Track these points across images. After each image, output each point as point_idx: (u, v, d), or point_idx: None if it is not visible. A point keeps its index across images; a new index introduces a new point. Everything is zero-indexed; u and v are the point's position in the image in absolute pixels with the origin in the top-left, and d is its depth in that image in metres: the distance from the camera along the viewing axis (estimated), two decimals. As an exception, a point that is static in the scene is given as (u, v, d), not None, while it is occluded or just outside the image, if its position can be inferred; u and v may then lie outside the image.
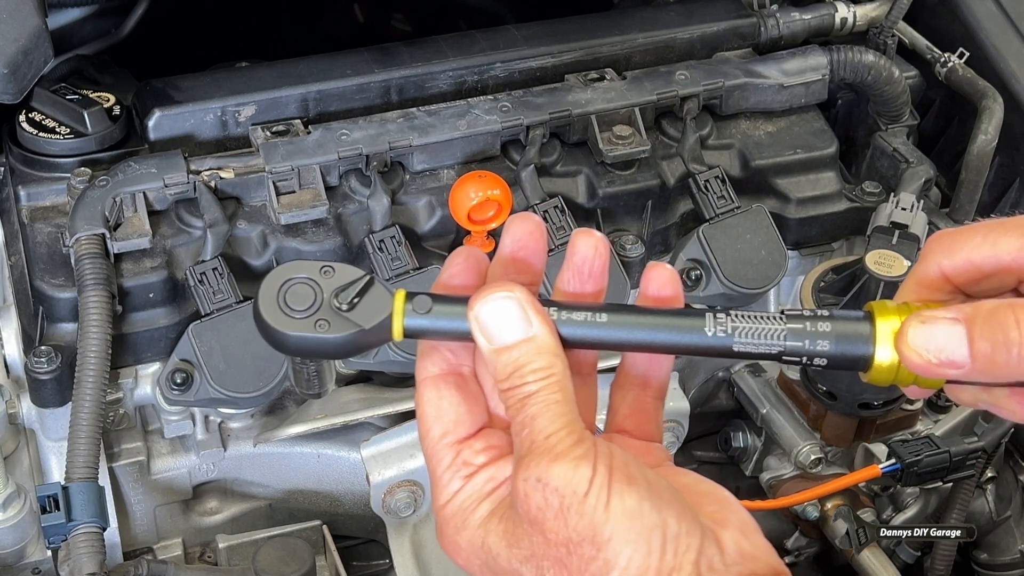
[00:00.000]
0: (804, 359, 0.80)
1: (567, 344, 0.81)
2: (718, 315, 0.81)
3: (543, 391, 0.78)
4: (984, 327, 0.75)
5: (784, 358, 0.81)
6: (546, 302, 0.82)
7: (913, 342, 0.77)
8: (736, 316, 0.81)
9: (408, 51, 1.43)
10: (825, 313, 0.81)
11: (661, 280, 0.86)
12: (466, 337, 0.81)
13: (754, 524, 0.77)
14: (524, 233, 0.85)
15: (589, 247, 0.85)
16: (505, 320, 0.79)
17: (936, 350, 0.76)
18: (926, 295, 0.81)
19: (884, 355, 0.79)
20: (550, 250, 1.33)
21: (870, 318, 0.80)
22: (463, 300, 0.81)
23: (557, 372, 0.79)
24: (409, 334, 0.82)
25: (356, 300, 0.82)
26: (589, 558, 0.74)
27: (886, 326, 0.79)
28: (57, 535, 1.15)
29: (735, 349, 0.81)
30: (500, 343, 0.79)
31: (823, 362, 0.80)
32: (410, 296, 0.83)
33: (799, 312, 0.81)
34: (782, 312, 0.81)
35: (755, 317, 0.81)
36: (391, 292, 0.83)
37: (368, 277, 0.83)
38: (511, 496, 0.78)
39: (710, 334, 0.81)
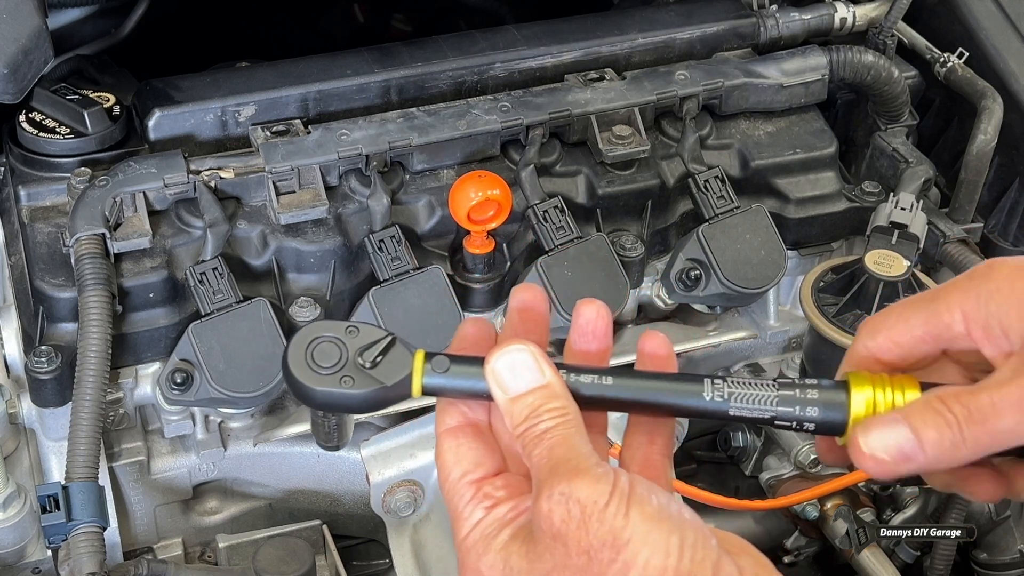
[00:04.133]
0: (794, 424, 0.86)
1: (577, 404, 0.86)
2: (715, 381, 0.87)
3: (560, 427, 0.82)
4: (922, 416, 0.82)
5: (776, 423, 0.86)
6: (556, 364, 0.87)
7: (867, 448, 0.83)
8: (732, 383, 0.87)
9: (408, 51, 1.43)
10: (812, 382, 0.87)
11: (655, 343, 0.91)
12: (481, 395, 0.86)
13: (771, 564, 0.80)
14: (529, 300, 0.91)
15: (592, 311, 0.90)
16: (520, 370, 0.84)
17: (886, 449, 0.82)
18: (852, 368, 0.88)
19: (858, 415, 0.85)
20: (550, 249, 1.34)
21: (846, 388, 0.86)
22: (479, 360, 0.86)
23: (571, 413, 0.83)
24: (427, 392, 0.88)
25: (379, 359, 0.88)
26: (608, 561, 0.76)
27: (860, 396, 0.85)
28: (57, 535, 1.15)
29: (731, 414, 0.86)
30: (515, 392, 0.84)
31: (811, 427, 0.86)
32: (429, 356, 0.88)
33: (790, 381, 0.87)
34: (775, 380, 0.87)
35: (750, 384, 0.86)
36: (411, 351, 0.89)
37: (390, 337, 0.89)
38: (533, 520, 0.80)
39: (707, 399, 0.86)
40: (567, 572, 0.78)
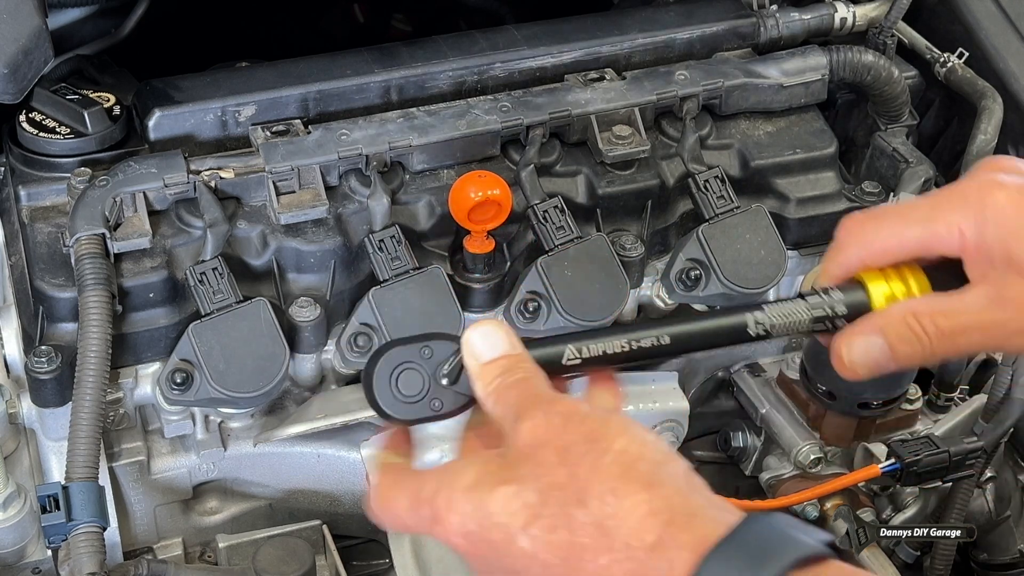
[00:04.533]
0: (828, 326, 0.95)
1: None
2: (756, 315, 0.95)
3: (533, 378, 0.88)
4: (898, 332, 0.93)
5: (814, 331, 0.96)
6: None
7: (848, 359, 0.94)
8: (769, 313, 0.95)
9: (408, 51, 1.43)
10: (832, 288, 0.97)
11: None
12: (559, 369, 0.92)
13: None
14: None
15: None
16: (492, 340, 0.90)
17: (864, 360, 0.94)
18: (845, 273, 0.97)
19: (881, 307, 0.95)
20: (549, 249, 1.34)
21: (863, 286, 0.96)
22: (555, 339, 0.92)
23: (540, 375, 0.88)
24: None
25: (459, 372, 0.92)
26: (583, 452, 0.80)
27: (877, 289, 0.96)
28: (57, 535, 1.15)
29: (774, 336, 0.95)
30: (488, 358, 0.89)
31: (843, 324, 0.95)
32: None
33: (813, 294, 0.96)
34: (800, 296, 0.96)
35: (784, 314, 0.95)
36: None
37: (459, 347, 0.92)
38: (509, 446, 0.84)
39: (753, 335, 0.95)
40: (541, 470, 0.80)
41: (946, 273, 0.95)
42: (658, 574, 0.75)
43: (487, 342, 0.90)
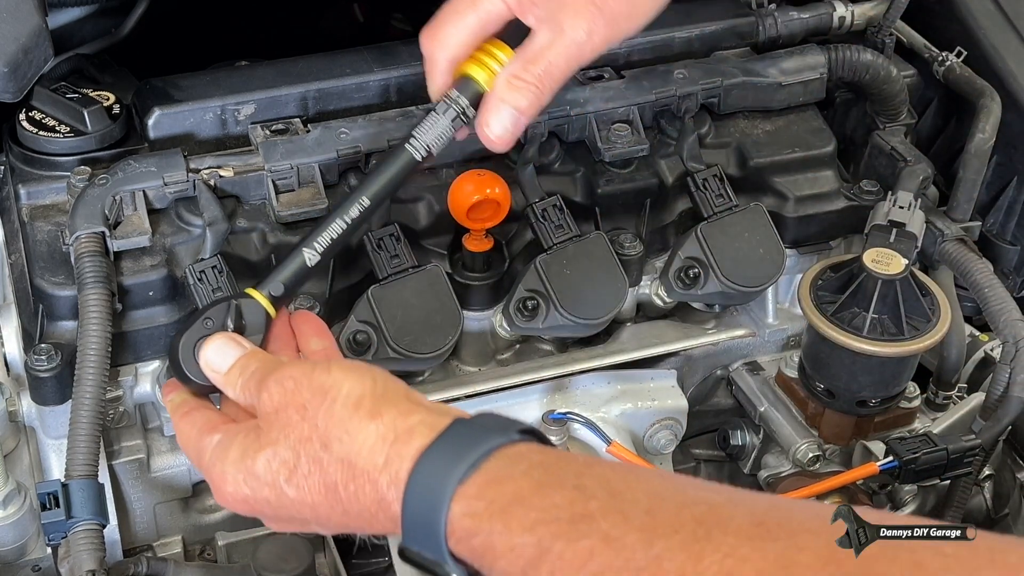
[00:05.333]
0: (461, 119, 1.17)
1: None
2: (412, 142, 1.17)
3: (267, 361, 1.05)
4: (513, 93, 1.14)
5: (455, 130, 1.17)
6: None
7: (492, 134, 1.16)
8: (421, 131, 1.17)
9: (408, 50, 1.43)
10: (453, 92, 1.17)
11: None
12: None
13: None
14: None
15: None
16: (225, 351, 1.08)
17: (503, 128, 1.16)
18: (449, 78, 1.18)
19: (483, 80, 1.16)
20: (548, 248, 1.34)
21: (470, 77, 1.17)
22: (293, 254, 1.15)
23: (270, 359, 1.06)
24: (278, 305, 1.15)
25: (242, 321, 1.12)
26: (319, 403, 0.96)
27: (479, 74, 1.16)
28: (57, 532, 1.15)
29: (433, 152, 1.18)
30: (226, 367, 1.07)
31: (472, 113, 1.16)
32: (259, 287, 1.14)
33: (442, 101, 1.18)
34: (434, 111, 1.18)
35: (430, 125, 1.17)
36: (250, 296, 1.13)
37: (232, 302, 1.12)
38: (259, 417, 1.00)
39: (418, 158, 1.17)
40: (288, 429, 0.96)
41: (519, 32, 1.15)
42: (389, 485, 0.90)
43: (220, 355, 1.07)
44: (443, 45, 1.16)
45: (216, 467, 1.00)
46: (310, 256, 1.15)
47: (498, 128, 1.15)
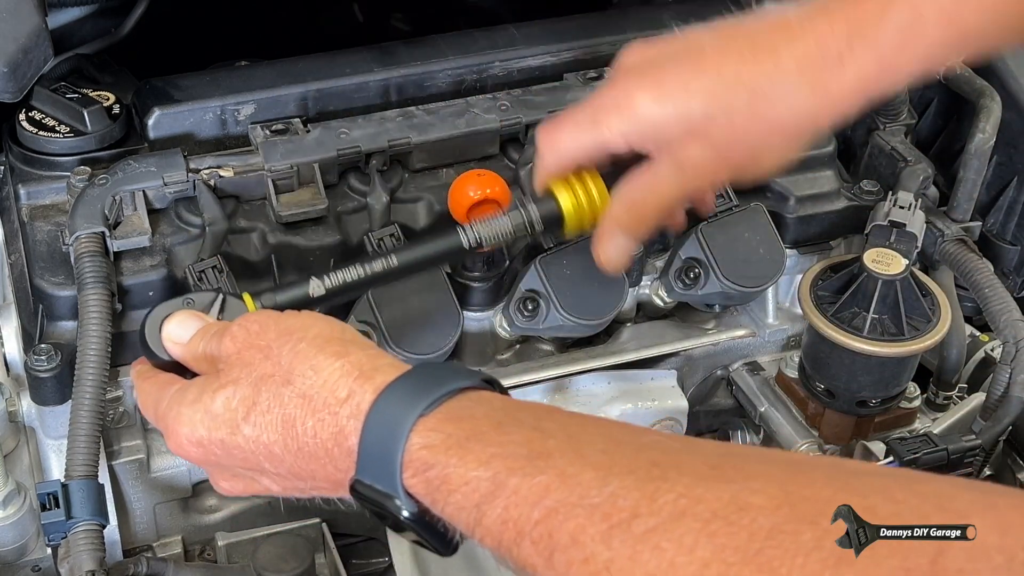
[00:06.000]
0: (529, 232, 1.17)
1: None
2: (467, 230, 1.17)
3: (228, 326, 1.01)
4: (625, 222, 1.17)
5: (516, 236, 1.17)
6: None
7: (608, 260, 1.19)
8: (479, 226, 1.17)
9: (407, 50, 1.44)
10: (528, 201, 1.18)
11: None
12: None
13: None
14: None
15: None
16: (186, 324, 1.07)
17: (620, 256, 1.20)
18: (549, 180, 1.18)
19: (567, 214, 1.17)
20: (548, 248, 1.34)
21: (553, 195, 1.17)
22: (299, 283, 1.13)
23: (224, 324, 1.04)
24: None
25: (220, 316, 1.08)
26: (281, 344, 0.95)
27: (564, 196, 1.17)
28: (57, 532, 1.15)
29: (485, 248, 1.18)
30: (187, 337, 1.05)
31: (540, 228, 1.18)
32: (255, 295, 1.11)
33: (515, 205, 1.18)
34: (504, 213, 1.18)
35: (489, 223, 1.17)
36: (240, 297, 1.10)
37: (221, 295, 1.09)
38: (220, 361, 0.99)
39: (466, 246, 1.16)
40: (251, 368, 0.95)
41: (628, 161, 1.13)
42: (349, 417, 0.90)
43: (182, 327, 1.06)
44: (558, 149, 1.15)
45: (172, 410, 0.99)
46: (315, 288, 1.13)
47: (613, 252, 1.18)
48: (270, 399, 0.93)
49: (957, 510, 0.73)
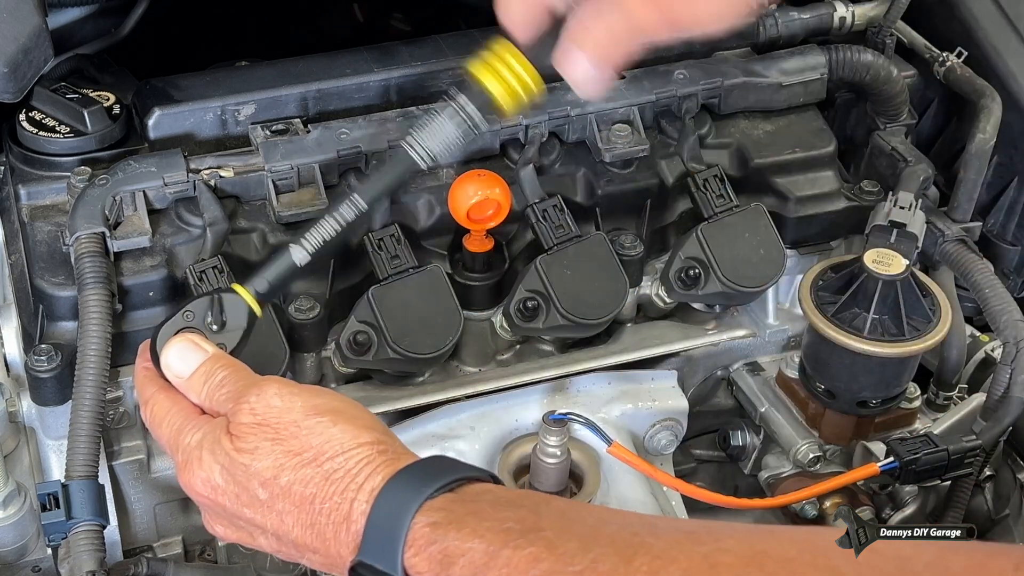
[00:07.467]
0: (469, 124, 1.13)
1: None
2: (414, 145, 1.14)
3: (234, 370, 1.07)
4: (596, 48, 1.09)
5: (463, 132, 1.14)
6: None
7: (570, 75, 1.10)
8: (418, 135, 1.15)
9: (408, 50, 1.44)
10: (457, 93, 1.15)
11: None
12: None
13: None
14: None
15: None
16: (186, 355, 1.09)
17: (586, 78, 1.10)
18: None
19: (498, 94, 1.13)
20: (549, 248, 1.34)
21: (475, 79, 1.13)
22: (281, 255, 1.13)
23: (237, 366, 1.08)
24: (265, 301, 1.14)
25: (223, 317, 1.11)
26: (312, 426, 1.00)
27: (491, 82, 1.13)
28: (57, 533, 1.15)
29: (440, 161, 1.15)
30: (188, 372, 1.08)
31: (478, 115, 1.14)
32: (246, 284, 1.13)
33: (447, 102, 1.15)
34: (440, 111, 1.15)
35: (432, 130, 1.15)
36: (235, 292, 1.12)
37: (216, 296, 1.11)
38: (232, 426, 1.01)
39: (423, 165, 1.15)
40: (275, 442, 0.99)
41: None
42: (362, 501, 0.95)
43: (183, 359, 1.08)
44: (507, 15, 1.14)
45: (195, 451, 1.02)
46: (300, 256, 1.14)
47: (581, 77, 1.10)
48: (292, 476, 0.98)
49: (914, 571, 0.81)
